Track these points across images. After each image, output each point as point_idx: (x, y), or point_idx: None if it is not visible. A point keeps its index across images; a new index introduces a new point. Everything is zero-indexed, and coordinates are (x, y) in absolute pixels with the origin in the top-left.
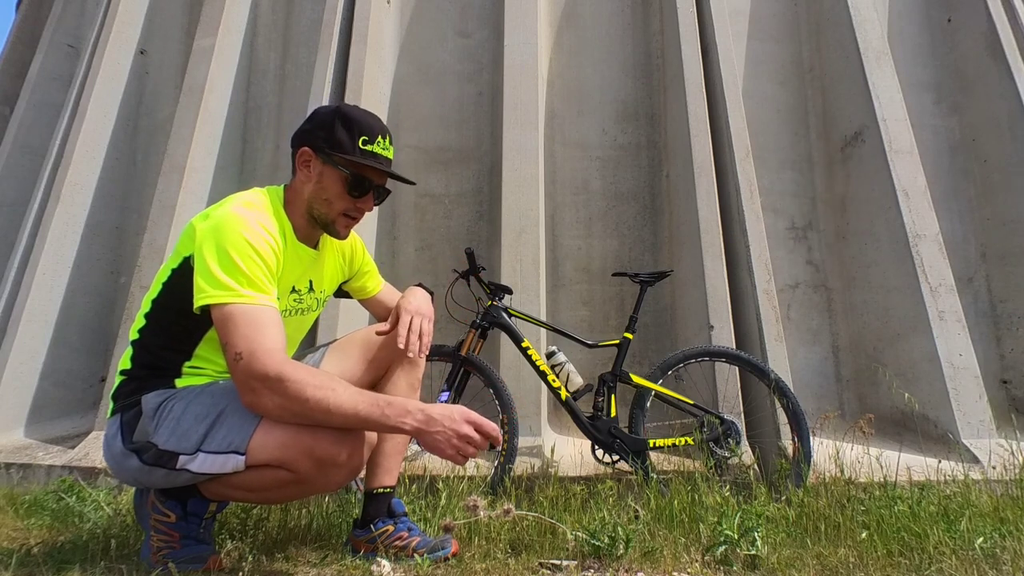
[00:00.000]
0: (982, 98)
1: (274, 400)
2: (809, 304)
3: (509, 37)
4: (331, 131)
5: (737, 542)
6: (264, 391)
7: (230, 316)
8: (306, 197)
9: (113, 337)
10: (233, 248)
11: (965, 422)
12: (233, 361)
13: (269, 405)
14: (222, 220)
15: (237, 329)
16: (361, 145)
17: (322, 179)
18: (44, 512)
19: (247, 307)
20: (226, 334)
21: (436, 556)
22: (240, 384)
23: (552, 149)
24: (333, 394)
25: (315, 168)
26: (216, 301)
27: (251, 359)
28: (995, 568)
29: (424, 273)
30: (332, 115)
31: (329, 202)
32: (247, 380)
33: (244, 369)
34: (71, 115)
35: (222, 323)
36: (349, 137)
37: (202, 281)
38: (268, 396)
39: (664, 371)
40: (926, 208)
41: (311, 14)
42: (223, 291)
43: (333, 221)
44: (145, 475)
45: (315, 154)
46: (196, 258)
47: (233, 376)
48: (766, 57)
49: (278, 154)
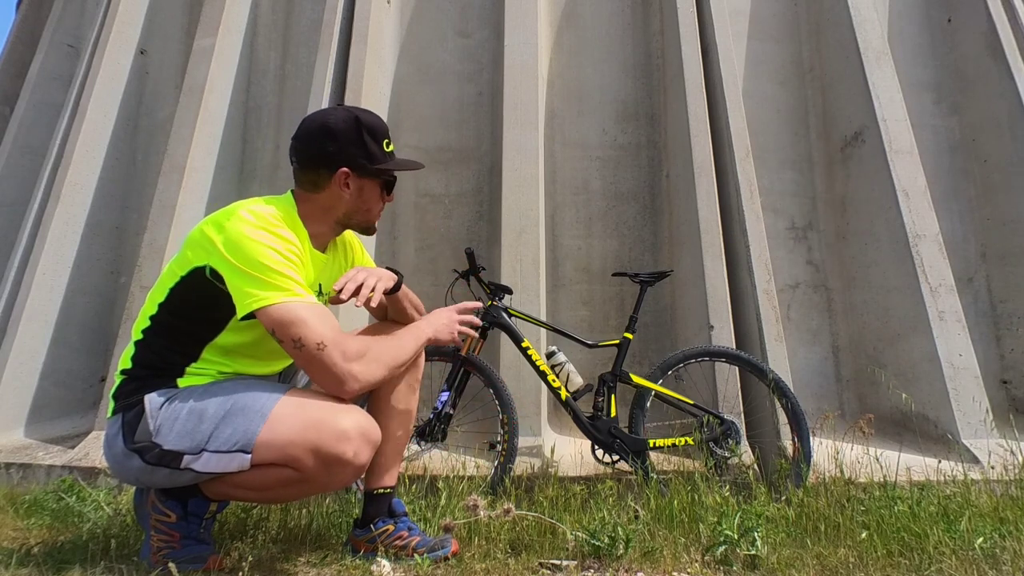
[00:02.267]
0: (982, 98)
1: (374, 368)
2: (809, 304)
3: (509, 37)
4: (363, 146)
5: (737, 542)
6: (364, 366)
7: (293, 312)
8: (343, 211)
9: (113, 337)
10: (264, 255)
11: (965, 422)
12: (316, 351)
13: (376, 374)
14: (242, 232)
15: (307, 323)
16: (386, 148)
17: (363, 192)
18: (44, 512)
19: (304, 302)
20: (295, 331)
21: (436, 556)
22: (335, 370)
23: (552, 149)
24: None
25: (354, 184)
26: (269, 302)
27: (341, 342)
28: (995, 568)
29: (424, 273)
30: (357, 129)
31: (369, 210)
32: (345, 364)
33: (338, 354)
34: (71, 115)
35: (284, 322)
36: (378, 147)
37: (246, 287)
38: (368, 367)
39: (664, 371)
40: (926, 208)
41: (311, 14)
42: (274, 291)
43: (372, 222)
44: (147, 475)
45: (353, 171)
46: (226, 270)
47: (320, 366)
48: (766, 57)
49: (278, 154)
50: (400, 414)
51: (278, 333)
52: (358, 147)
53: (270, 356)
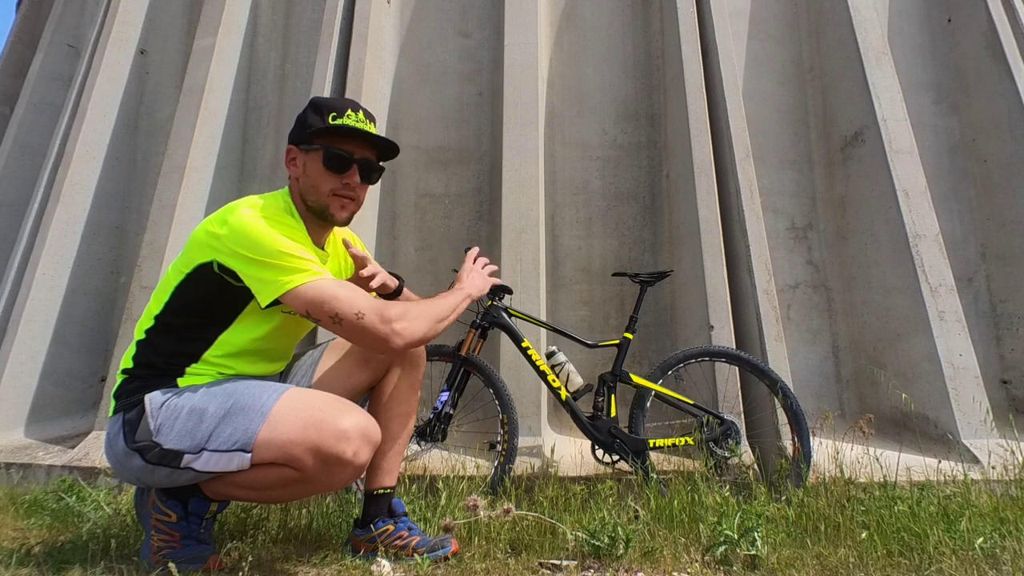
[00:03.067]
0: (982, 98)
1: (418, 325)
2: (809, 304)
3: (509, 37)
4: (303, 120)
5: (737, 542)
6: (406, 324)
7: (322, 291)
8: (299, 193)
9: (113, 337)
10: (278, 243)
11: (965, 422)
12: (357, 320)
13: (419, 330)
14: (251, 224)
15: (339, 298)
16: (331, 121)
17: (306, 168)
18: (44, 512)
19: (331, 279)
20: (329, 307)
21: (436, 556)
22: (380, 334)
23: (552, 149)
24: (432, 302)
25: (299, 161)
26: (296, 283)
27: (379, 309)
28: (995, 568)
29: (424, 273)
30: (305, 108)
31: (316, 187)
32: (387, 327)
33: (378, 319)
34: (71, 115)
35: (316, 301)
36: (320, 119)
37: (268, 275)
38: (411, 324)
39: (664, 371)
40: (926, 208)
41: (311, 14)
42: (298, 274)
43: (327, 205)
44: (148, 474)
45: (296, 147)
46: (239, 261)
47: (363, 333)
48: (766, 57)
49: (278, 154)
50: (401, 414)
51: (313, 313)
52: (299, 123)
53: (276, 352)
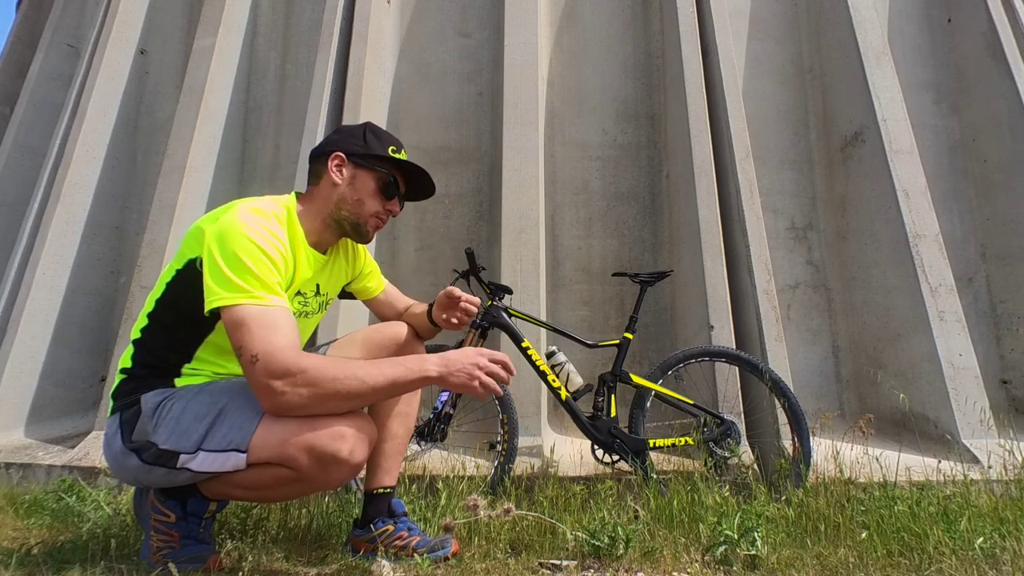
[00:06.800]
0: (982, 98)
1: (301, 393)
2: (809, 304)
3: (509, 37)
4: (363, 139)
5: (737, 542)
6: (288, 387)
7: (243, 318)
8: (334, 200)
9: (113, 337)
10: (243, 251)
11: (965, 422)
12: (249, 364)
13: (296, 400)
14: (230, 224)
15: (251, 331)
16: (391, 154)
17: (355, 181)
18: (44, 512)
19: (260, 308)
20: (239, 336)
21: (436, 556)
22: (260, 387)
23: (552, 149)
24: (359, 368)
25: (348, 171)
26: (228, 303)
27: (268, 359)
28: (995, 568)
29: (424, 273)
30: (362, 127)
31: (361, 202)
32: (268, 381)
33: (263, 370)
34: (71, 115)
35: (235, 326)
36: (380, 145)
37: (213, 283)
38: (294, 391)
39: (664, 371)
40: (926, 208)
41: (311, 14)
42: (235, 292)
43: (365, 222)
44: (145, 474)
45: (347, 158)
46: (205, 261)
47: (251, 379)
48: (766, 57)
49: (278, 154)
50: (400, 414)
51: (230, 336)
52: (357, 139)
53: None
